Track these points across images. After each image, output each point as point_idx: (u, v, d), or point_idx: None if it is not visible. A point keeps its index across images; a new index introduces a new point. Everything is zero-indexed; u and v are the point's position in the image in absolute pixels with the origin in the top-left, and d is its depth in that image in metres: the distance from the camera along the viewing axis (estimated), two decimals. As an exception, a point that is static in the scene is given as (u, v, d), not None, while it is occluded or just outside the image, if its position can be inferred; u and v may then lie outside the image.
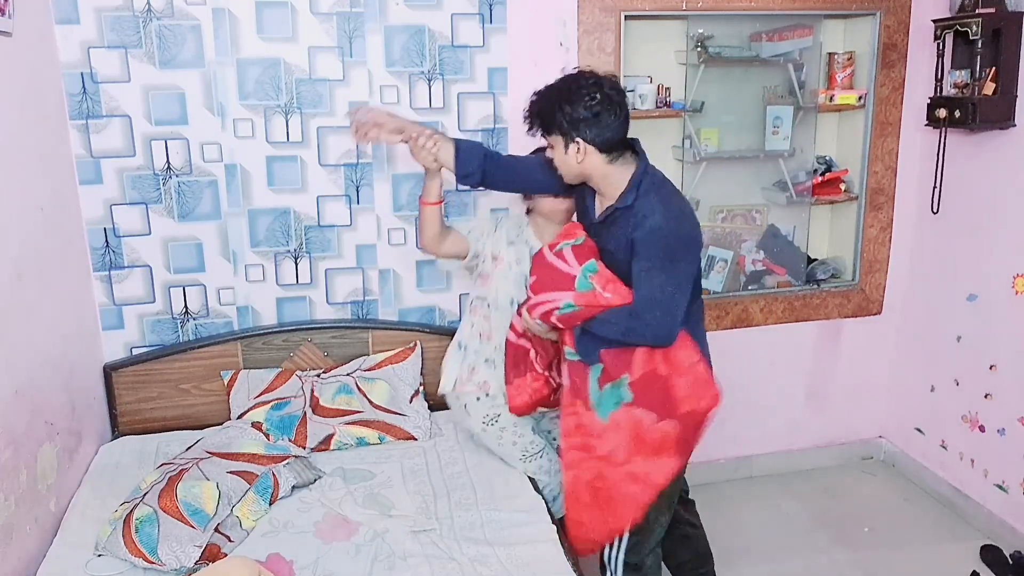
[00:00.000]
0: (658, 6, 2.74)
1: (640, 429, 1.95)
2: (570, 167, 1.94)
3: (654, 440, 1.95)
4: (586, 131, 1.87)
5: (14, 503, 1.84)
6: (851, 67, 3.07)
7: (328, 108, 2.60)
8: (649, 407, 1.94)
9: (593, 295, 1.96)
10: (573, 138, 1.88)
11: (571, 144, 1.89)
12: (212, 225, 2.62)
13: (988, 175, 2.80)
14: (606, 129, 1.88)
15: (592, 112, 1.86)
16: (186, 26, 2.46)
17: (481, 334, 2.32)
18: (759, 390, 3.20)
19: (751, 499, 3.13)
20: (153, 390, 2.61)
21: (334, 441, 2.44)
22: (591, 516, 2.03)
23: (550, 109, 1.90)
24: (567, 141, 1.89)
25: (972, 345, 2.92)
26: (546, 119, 1.92)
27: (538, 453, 2.31)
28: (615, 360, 1.96)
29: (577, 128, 1.87)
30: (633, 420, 1.95)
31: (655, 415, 1.94)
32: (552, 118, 1.89)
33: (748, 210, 3.19)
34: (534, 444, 2.31)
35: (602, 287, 1.97)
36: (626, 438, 1.96)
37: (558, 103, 1.88)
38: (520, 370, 2.23)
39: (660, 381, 1.95)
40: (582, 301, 1.96)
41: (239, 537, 1.98)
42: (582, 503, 2.03)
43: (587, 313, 1.97)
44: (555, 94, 1.91)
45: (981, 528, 2.88)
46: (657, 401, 1.94)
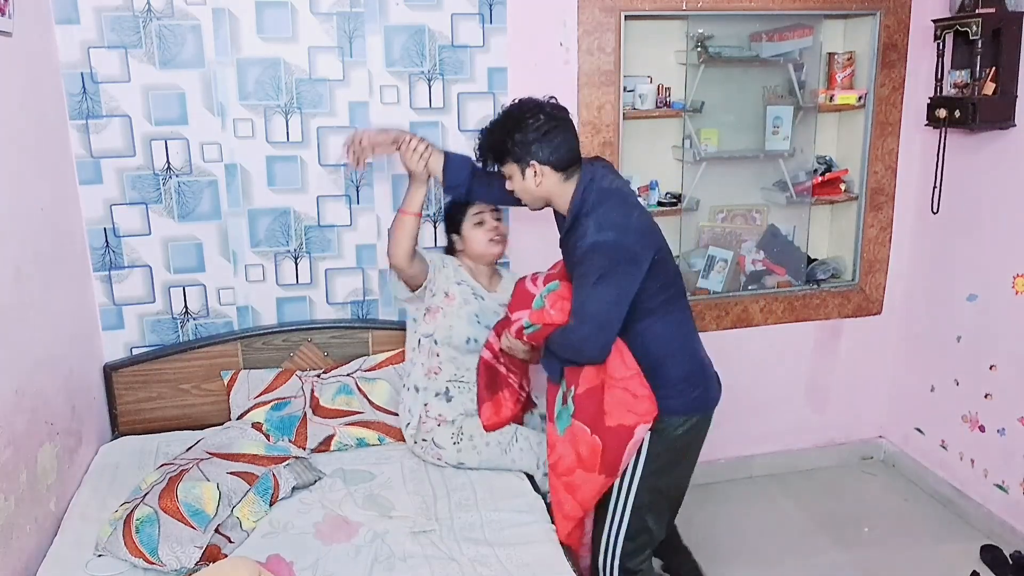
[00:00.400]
0: (658, 6, 2.74)
1: (578, 442, 2.03)
2: (530, 192, 2.01)
3: (586, 454, 2.01)
4: (539, 152, 1.94)
5: (14, 503, 1.84)
6: (851, 67, 3.07)
7: (328, 108, 2.60)
8: (584, 420, 2.01)
9: (543, 312, 2.06)
10: (528, 163, 1.95)
11: (527, 169, 1.96)
12: (212, 225, 2.62)
13: (988, 175, 2.80)
14: (558, 148, 1.95)
15: (540, 132, 1.93)
16: (186, 26, 2.46)
17: (429, 371, 2.38)
18: (759, 390, 3.20)
19: (751, 499, 3.13)
20: (153, 390, 2.61)
21: (334, 442, 2.44)
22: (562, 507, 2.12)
23: (500, 139, 1.97)
24: (523, 167, 1.97)
25: (972, 345, 2.92)
26: (498, 149, 1.99)
27: (512, 438, 2.31)
28: (570, 376, 2.05)
29: (529, 151, 1.94)
30: (574, 433, 2.03)
31: (588, 428, 2.01)
32: (504, 147, 1.96)
33: (748, 210, 3.20)
34: (504, 433, 2.32)
35: (550, 305, 2.06)
36: (571, 451, 2.05)
37: (507, 132, 1.96)
38: (494, 388, 2.33)
39: (596, 394, 1.99)
40: (536, 319, 2.08)
41: (239, 538, 1.98)
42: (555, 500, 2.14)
43: (545, 331, 2.07)
44: (501, 125, 1.99)
45: (981, 528, 2.88)
46: (590, 414, 2.00)
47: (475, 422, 2.34)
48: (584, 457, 2.02)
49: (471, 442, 2.30)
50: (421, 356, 2.40)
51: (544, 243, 2.42)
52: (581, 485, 2.04)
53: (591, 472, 2.02)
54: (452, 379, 2.38)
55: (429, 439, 2.34)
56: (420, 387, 2.40)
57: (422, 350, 2.40)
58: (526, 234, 2.71)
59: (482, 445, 2.30)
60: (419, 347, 2.41)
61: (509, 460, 2.30)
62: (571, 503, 2.07)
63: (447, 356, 2.37)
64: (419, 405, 2.38)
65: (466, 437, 2.31)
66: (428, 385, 2.39)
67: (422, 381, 2.39)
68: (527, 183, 1.98)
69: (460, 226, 2.41)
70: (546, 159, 1.94)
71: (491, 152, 2.01)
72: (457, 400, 2.37)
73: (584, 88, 2.75)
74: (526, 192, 2.01)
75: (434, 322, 2.36)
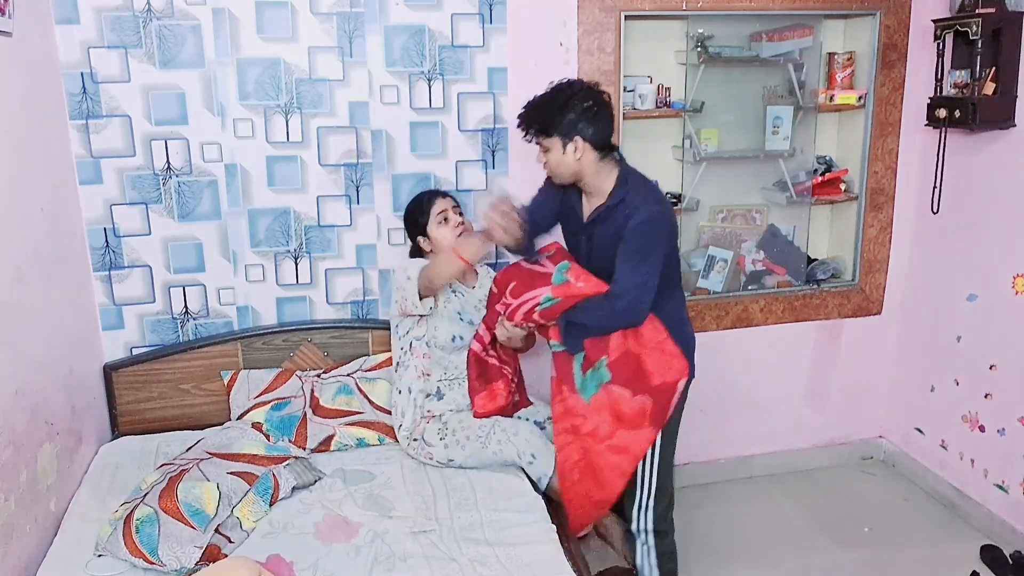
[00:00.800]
0: (658, 6, 2.74)
1: (619, 405, 2.14)
2: (567, 166, 2.10)
3: (632, 413, 2.14)
4: (584, 130, 2.04)
5: (14, 503, 1.84)
6: (851, 67, 3.07)
7: (328, 108, 2.60)
8: (625, 384, 2.14)
9: (568, 286, 2.14)
10: (572, 138, 2.05)
11: (569, 144, 2.06)
12: (212, 225, 2.62)
13: (988, 175, 2.80)
14: (601, 129, 2.07)
15: (588, 112, 2.04)
16: (186, 26, 2.46)
17: (421, 373, 2.40)
18: (759, 390, 3.20)
19: (751, 499, 3.13)
20: (153, 390, 2.61)
21: (334, 442, 2.44)
22: (581, 492, 2.21)
23: (548, 113, 2.07)
24: (565, 142, 2.06)
25: (972, 345, 2.92)
26: (544, 122, 2.07)
27: (490, 431, 2.30)
28: (594, 347, 2.16)
29: (575, 127, 2.04)
30: (612, 398, 2.15)
31: (630, 391, 2.14)
32: (551, 121, 2.06)
33: (748, 210, 3.19)
34: (482, 426, 2.32)
35: (575, 279, 2.15)
36: (607, 415, 2.16)
37: (557, 107, 2.06)
38: (486, 379, 2.41)
39: (633, 359, 2.14)
40: (559, 293, 2.14)
41: (239, 538, 1.98)
42: (571, 481, 2.22)
43: (565, 304, 2.15)
44: (551, 100, 2.08)
45: (981, 528, 2.88)
46: (631, 378, 2.14)
47: (458, 417, 2.36)
48: (627, 416, 2.14)
49: (454, 437, 2.31)
50: (414, 359, 2.41)
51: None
52: (630, 443, 2.15)
53: (638, 428, 2.14)
54: (442, 379, 2.42)
55: (420, 438, 2.35)
56: (412, 389, 2.41)
57: (414, 353, 2.41)
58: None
59: (464, 439, 2.30)
60: (410, 350, 2.42)
61: (491, 453, 2.28)
62: (624, 460, 2.16)
63: (435, 357, 2.40)
64: (413, 407, 2.40)
65: (450, 432, 2.32)
66: (421, 387, 2.41)
67: (415, 383, 2.41)
68: (566, 157, 2.08)
69: (425, 228, 2.43)
70: (589, 137, 2.06)
71: (537, 123, 2.10)
72: (448, 397, 2.41)
73: (584, 88, 2.75)
74: (562, 165, 2.10)
75: (423, 327, 2.39)
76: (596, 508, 2.23)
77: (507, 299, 2.26)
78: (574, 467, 2.21)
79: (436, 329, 2.38)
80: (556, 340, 2.21)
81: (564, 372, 2.21)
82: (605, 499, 2.19)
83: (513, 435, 2.29)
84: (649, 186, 2.16)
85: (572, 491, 2.22)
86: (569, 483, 2.22)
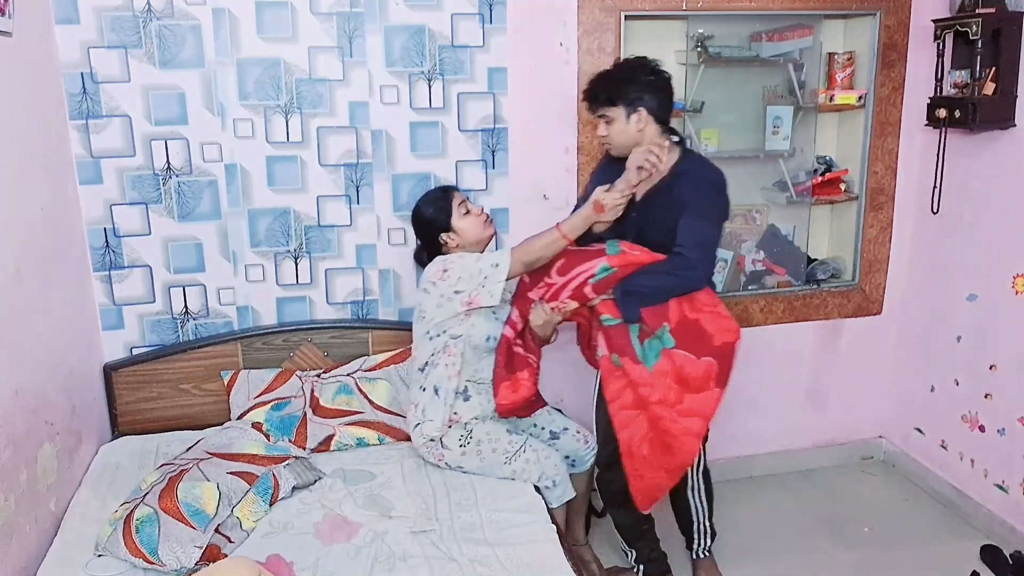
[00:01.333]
0: (658, 6, 2.74)
1: (684, 370, 2.21)
2: (629, 136, 2.21)
3: (698, 376, 2.22)
4: (649, 102, 2.18)
5: (14, 503, 1.84)
6: (851, 67, 3.07)
7: (328, 108, 2.60)
8: (688, 348, 2.22)
9: (624, 255, 2.21)
10: (636, 109, 2.18)
11: (633, 115, 2.18)
12: (212, 225, 2.62)
13: (988, 175, 2.80)
14: (664, 103, 2.21)
15: (652, 87, 2.19)
16: (186, 26, 2.46)
17: (452, 373, 2.33)
18: (759, 390, 3.20)
19: (751, 499, 3.13)
20: (153, 390, 2.62)
21: (334, 442, 2.44)
22: (653, 464, 2.26)
23: (617, 84, 2.19)
24: (629, 112, 2.18)
25: (972, 345, 2.92)
26: (612, 92, 2.19)
27: (520, 449, 2.28)
28: (653, 316, 2.22)
29: (641, 99, 2.17)
30: (676, 364, 2.22)
31: (695, 355, 2.22)
32: (616, 91, 2.18)
33: (748, 210, 3.19)
34: (512, 443, 2.29)
35: (629, 249, 2.22)
36: (671, 381, 2.22)
37: (625, 79, 2.19)
38: (512, 368, 2.35)
39: (692, 324, 2.23)
40: (616, 262, 2.21)
41: (239, 538, 1.98)
42: (639, 457, 2.26)
43: (621, 274, 2.22)
44: (619, 71, 2.24)
45: (981, 528, 2.88)
46: (695, 341, 2.22)
47: (485, 428, 2.31)
48: (693, 379, 2.21)
49: (477, 447, 2.29)
50: (445, 357, 2.33)
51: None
52: (700, 406, 2.22)
53: (705, 390, 2.22)
54: (471, 379, 2.35)
55: (437, 439, 2.32)
56: (441, 388, 2.33)
57: (447, 352, 2.32)
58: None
59: (487, 451, 2.28)
60: (444, 350, 2.33)
61: (510, 471, 2.26)
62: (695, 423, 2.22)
63: (468, 357, 2.33)
64: (444, 406, 2.32)
65: (473, 441, 2.29)
66: (453, 386, 2.33)
67: (445, 383, 2.32)
68: (629, 127, 2.19)
69: (448, 222, 2.34)
70: (652, 109, 2.18)
71: (604, 93, 2.20)
72: (475, 400, 2.35)
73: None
74: (623, 135, 2.21)
75: (467, 322, 2.31)
76: (669, 477, 2.28)
77: (551, 279, 2.28)
78: (642, 441, 2.25)
79: (473, 327, 2.30)
80: (610, 314, 2.24)
81: (621, 345, 2.24)
82: (680, 465, 2.26)
83: (545, 458, 2.28)
84: (710, 163, 2.29)
85: (642, 466, 2.26)
86: (638, 459, 2.26)
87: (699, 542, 2.57)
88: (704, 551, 2.59)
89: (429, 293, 2.30)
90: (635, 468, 2.26)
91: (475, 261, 2.26)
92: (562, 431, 2.48)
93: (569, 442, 2.47)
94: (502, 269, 2.22)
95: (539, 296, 2.32)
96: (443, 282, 2.26)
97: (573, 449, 2.47)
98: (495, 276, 2.23)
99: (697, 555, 2.60)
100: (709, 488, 2.53)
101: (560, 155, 2.81)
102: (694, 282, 2.22)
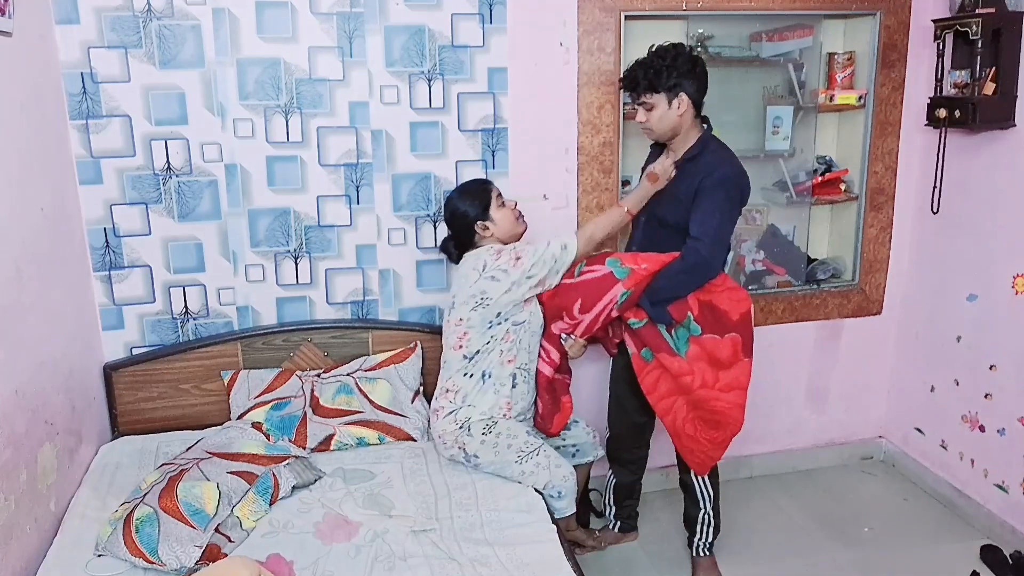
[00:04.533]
0: (658, 6, 2.74)
1: (715, 352, 2.34)
2: (670, 121, 2.29)
3: (728, 353, 2.34)
4: (688, 87, 2.26)
5: (14, 503, 1.84)
6: (851, 67, 3.07)
7: (328, 108, 2.60)
8: (713, 331, 2.34)
9: (635, 274, 2.28)
10: (677, 93, 2.25)
11: (674, 100, 2.26)
12: (212, 225, 2.62)
13: (988, 175, 2.80)
14: (701, 88, 2.30)
15: (692, 73, 2.26)
16: (186, 26, 2.46)
17: (504, 359, 2.34)
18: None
19: (751, 499, 3.13)
20: (153, 390, 2.61)
21: (334, 441, 2.44)
22: (702, 439, 2.41)
23: (659, 70, 2.25)
24: (670, 97, 2.26)
25: (972, 345, 2.92)
26: (653, 79, 2.26)
27: (534, 451, 2.28)
28: (677, 310, 2.33)
29: (682, 84, 2.25)
30: (706, 348, 2.34)
31: (718, 335, 2.34)
32: (660, 77, 2.25)
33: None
34: (528, 444, 2.29)
35: (635, 264, 2.29)
36: (704, 364, 2.34)
37: (664, 65, 2.24)
38: (557, 398, 2.47)
39: (708, 306, 2.34)
40: (631, 284, 2.28)
41: (239, 537, 1.98)
42: (687, 435, 2.42)
43: (638, 291, 2.30)
44: (659, 58, 2.26)
45: (981, 528, 2.88)
46: (716, 323, 2.34)
47: (508, 424, 2.32)
48: (724, 358, 2.34)
49: (496, 438, 2.28)
50: (503, 344, 2.33)
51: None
52: (735, 378, 2.36)
53: (736, 363, 2.36)
54: (521, 367, 2.37)
55: (466, 425, 2.30)
56: (493, 374, 2.33)
57: (506, 338, 2.32)
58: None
59: (503, 447, 2.27)
60: (503, 337, 2.32)
61: (519, 471, 2.26)
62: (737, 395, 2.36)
63: (523, 344, 2.36)
64: (491, 393, 2.32)
65: (493, 433, 2.29)
66: (504, 372, 2.33)
67: (497, 369, 2.33)
68: (670, 112, 2.28)
69: (488, 211, 2.37)
70: (692, 94, 2.27)
71: (646, 80, 2.26)
72: (521, 388, 2.37)
73: (584, 88, 2.75)
74: (664, 120, 2.29)
75: (527, 309, 2.34)
76: (718, 448, 2.43)
77: (576, 317, 2.35)
78: (684, 422, 2.41)
79: (532, 314, 2.36)
80: (636, 317, 2.35)
81: (655, 341, 2.35)
82: (727, 436, 2.40)
83: (555, 467, 2.28)
84: (727, 150, 2.35)
85: (691, 442, 2.42)
86: (686, 437, 2.42)
87: (701, 535, 2.58)
88: (705, 548, 2.60)
89: (499, 281, 2.29)
90: (686, 444, 2.43)
91: (545, 247, 2.32)
92: (573, 423, 2.58)
93: (579, 433, 2.59)
94: (570, 251, 2.32)
95: (565, 331, 2.40)
96: (516, 269, 2.28)
97: (582, 440, 2.59)
98: (564, 258, 2.32)
99: (698, 552, 2.60)
100: (714, 470, 2.55)
101: (560, 155, 2.81)
102: (710, 275, 2.32)
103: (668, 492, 3.04)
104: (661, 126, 2.31)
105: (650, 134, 2.38)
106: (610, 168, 2.83)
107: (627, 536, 2.82)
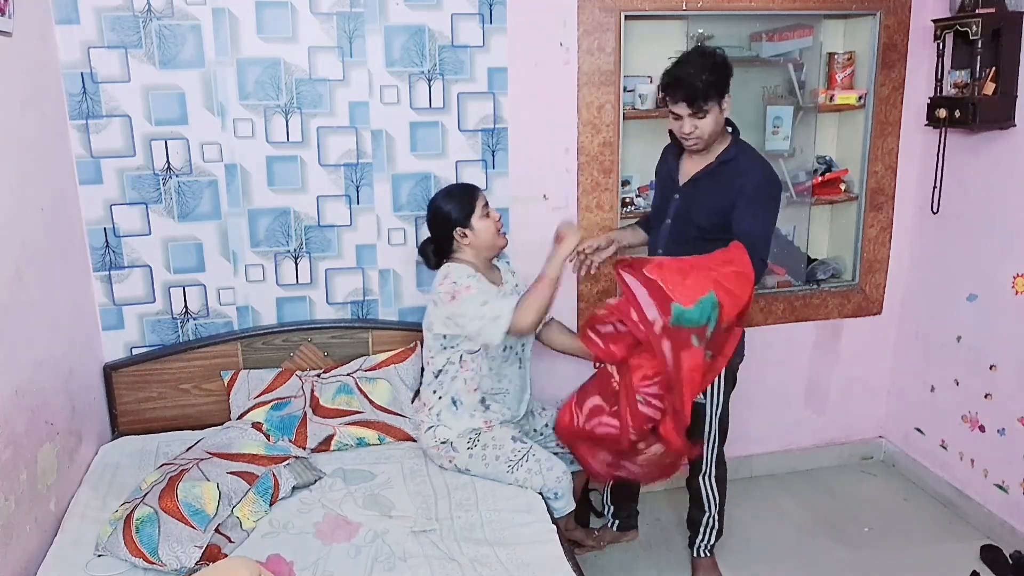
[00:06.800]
0: (658, 6, 2.74)
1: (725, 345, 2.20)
2: (719, 126, 2.24)
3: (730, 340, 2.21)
4: (726, 90, 2.20)
5: (14, 503, 1.84)
6: (851, 67, 3.07)
7: (328, 108, 2.60)
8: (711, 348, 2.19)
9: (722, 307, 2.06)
10: (724, 96, 2.20)
11: (723, 101, 2.20)
12: (212, 225, 2.62)
13: (988, 175, 2.80)
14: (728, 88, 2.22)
15: (728, 76, 2.19)
16: (186, 26, 2.46)
17: (470, 387, 2.34)
18: (759, 390, 3.19)
19: (751, 499, 3.13)
20: (153, 390, 2.61)
21: (334, 442, 2.44)
22: None
23: (718, 78, 2.17)
24: (720, 102, 2.20)
25: (972, 345, 2.92)
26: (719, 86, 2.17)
27: (523, 458, 2.26)
28: None
29: (727, 87, 2.20)
30: None
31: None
32: (714, 86, 2.15)
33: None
34: (516, 451, 2.27)
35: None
36: None
37: (715, 73, 2.16)
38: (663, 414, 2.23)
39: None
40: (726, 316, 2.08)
41: (239, 538, 1.98)
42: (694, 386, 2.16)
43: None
44: (705, 67, 2.15)
45: (981, 528, 2.88)
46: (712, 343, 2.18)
47: (491, 434, 2.32)
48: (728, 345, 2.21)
49: (483, 451, 2.28)
50: (463, 372, 2.33)
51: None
52: None
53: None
54: (488, 392, 2.36)
55: (449, 442, 2.33)
56: (460, 401, 2.34)
57: (464, 366, 2.33)
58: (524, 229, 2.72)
59: (491, 458, 2.27)
60: (460, 362, 2.33)
61: (514, 479, 2.25)
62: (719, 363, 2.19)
63: (485, 370, 2.33)
64: (466, 417, 2.34)
65: (479, 446, 2.29)
66: (471, 400, 2.34)
67: (464, 396, 2.34)
68: (721, 116, 2.23)
69: (468, 219, 2.31)
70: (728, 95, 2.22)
71: (713, 89, 2.16)
72: (494, 408, 2.37)
73: (584, 88, 2.75)
74: (715, 125, 2.22)
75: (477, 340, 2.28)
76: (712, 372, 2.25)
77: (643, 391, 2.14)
78: None
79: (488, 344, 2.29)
80: None
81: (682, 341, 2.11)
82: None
83: (547, 469, 2.25)
84: (758, 153, 2.33)
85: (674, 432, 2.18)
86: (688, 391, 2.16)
87: (704, 537, 2.58)
88: (706, 549, 2.59)
89: (436, 307, 2.29)
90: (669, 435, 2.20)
91: (480, 304, 2.21)
92: None
93: None
94: (501, 322, 2.18)
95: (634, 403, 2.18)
96: (447, 305, 2.25)
97: None
98: (492, 327, 2.19)
99: (698, 553, 2.60)
100: (722, 475, 2.54)
101: (560, 155, 2.80)
102: (761, 275, 2.28)
103: (668, 491, 3.04)
104: (713, 131, 2.22)
105: (699, 143, 2.25)
106: (610, 168, 2.83)
107: (627, 535, 2.81)
